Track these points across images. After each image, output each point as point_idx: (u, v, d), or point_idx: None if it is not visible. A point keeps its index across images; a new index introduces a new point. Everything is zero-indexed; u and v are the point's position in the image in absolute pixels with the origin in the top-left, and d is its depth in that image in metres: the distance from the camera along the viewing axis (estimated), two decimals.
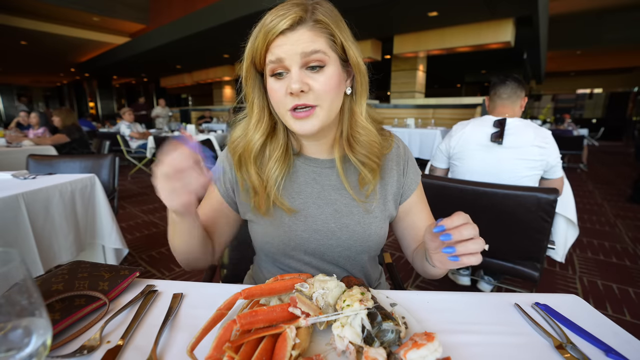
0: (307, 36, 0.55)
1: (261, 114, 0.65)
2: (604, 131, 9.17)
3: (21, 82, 16.84)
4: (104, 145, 3.52)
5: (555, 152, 1.43)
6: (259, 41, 0.57)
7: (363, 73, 0.63)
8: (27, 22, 8.21)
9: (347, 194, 0.69)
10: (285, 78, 0.58)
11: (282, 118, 0.62)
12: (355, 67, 0.62)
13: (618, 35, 9.18)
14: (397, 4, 5.29)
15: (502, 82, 1.54)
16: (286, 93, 0.57)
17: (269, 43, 0.56)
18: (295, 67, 0.56)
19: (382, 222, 0.70)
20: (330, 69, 0.58)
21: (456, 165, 1.63)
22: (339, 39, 0.58)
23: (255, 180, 0.67)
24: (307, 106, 0.58)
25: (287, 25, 0.54)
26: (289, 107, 0.58)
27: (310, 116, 0.59)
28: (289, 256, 0.71)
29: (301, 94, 0.57)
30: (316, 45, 0.56)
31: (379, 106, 7.52)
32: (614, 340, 0.48)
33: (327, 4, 0.60)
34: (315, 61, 0.56)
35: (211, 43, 7.90)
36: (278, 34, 0.55)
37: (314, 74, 0.57)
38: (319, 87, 0.57)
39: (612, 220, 3.27)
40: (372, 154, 0.67)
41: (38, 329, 0.32)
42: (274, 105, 0.62)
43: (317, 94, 0.58)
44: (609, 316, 1.53)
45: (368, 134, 0.66)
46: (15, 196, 1.33)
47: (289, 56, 0.56)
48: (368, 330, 0.43)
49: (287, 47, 0.55)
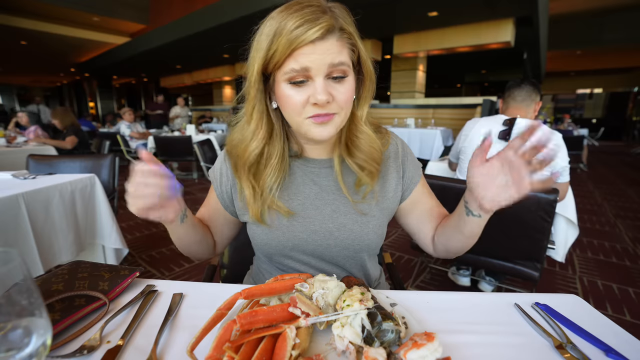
0: (335, 47, 0.54)
1: (260, 121, 0.63)
2: (604, 131, 9.17)
3: (21, 82, 16.86)
4: (104, 145, 3.52)
5: (563, 156, 1.42)
6: (279, 46, 0.53)
7: (373, 80, 0.63)
8: (27, 22, 8.21)
9: (345, 194, 0.69)
10: (305, 86, 0.56)
11: (296, 124, 0.60)
12: (367, 74, 0.62)
13: (618, 35, 9.17)
14: (397, 4, 5.29)
15: (518, 85, 1.55)
16: (307, 102, 0.56)
17: (294, 50, 0.53)
18: (320, 77, 0.55)
19: (380, 221, 0.70)
20: (350, 79, 0.58)
21: (463, 160, 1.64)
22: (357, 48, 0.59)
23: (247, 191, 0.67)
24: (327, 115, 0.58)
25: (319, 34, 0.52)
26: (309, 115, 0.58)
27: (329, 122, 0.58)
28: (287, 257, 0.71)
29: (326, 105, 0.56)
30: (342, 57, 0.55)
31: (379, 106, 7.52)
32: (614, 340, 0.48)
33: (342, 7, 0.58)
34: (340, 72, 0.56)
35: (211, 43, 7.90)
36: (307, 43, 0.53)
37: (336, 84, 0.57)
38: (340, 97, 0.57)
39: (612, 220, 3.27)
40: (372, 159, 0.66)
41: (38, 329, 0.32)
42: (288, 111, 0.59)
43: (339, 104, 0.58)
44: (609, 316, 1.53)
45: (367, 139, 0.66)
46: (15, 196, 1.33)
47: (316, 66, 0.54)
48: (368, 330, 0.43)
49: (315, 56, 0.53)
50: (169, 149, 4.75)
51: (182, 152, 4.69)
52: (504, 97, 1.62)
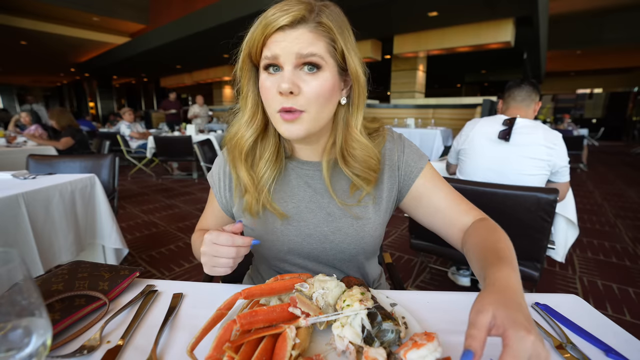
0: (307, 37, 0.53)
1: (255, 110, 0.63)
2: (604, 131, 9.17)
3: (21, 82, 16.86)
4: (104, 145, 3.52)
5: (563, 155, 1.42)
6: (257, 33, 0.55)
7: (362, 85, 0.60)
8: (27, 22, 8.21)
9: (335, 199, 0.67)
10: (277, 75, 0.56)
11: (271, 118, 0.60)
12: (353, 77, 0.59)
13: (618, 35, 9.17)
14: (397, 4, 5.29)
15: (518, 85, 1.56)
16: (276, 92, 0.55)
17: (266, 37, 0.54)
18: (288, 66, 0.54)
19: (377, 224, 0.68)
20: (325, 75, 0.56)
21: (463, 160, 1.64)
22: (339, 45, 0.56)
23: (245, 178, 0.66)
24: (294, 110, 0.56)
25: (287, 21, 0.52)
26: (278, 109, 0.56)
27: (296, 120, 0.56)
28: (283, 260, 0.70)
29: (290, 96, 0.55)
30: (314, 49, 0.54)
31: (379, 106, 7.52)
32: (614, 340, 0.47)
33: (335, 8, 0.58)
34: (310, 63, 0.54)
35: (211, 43, 7.89)
36: (277, 29, 0.53)
37: (307, 76, 0.55)
38: (309, 90, 0.55)
39: (612, 220, 3.27)
40: (369, 168, 0.64)
41: (38, 329, 0.32)
42: (265, 103, 0.60)
43: (306, 98, 0.55)
44: (609, 316, 1.53)
45: (363, 149, 0.63)
46: (15, 196, 1.33)
47: (284, 54, 0.54)
48: (368, 330, 0.43)
49: (284, 44, 0.53)
50: (169, 149, 4.74)
51: (182, 152, 4.69)
52: (503, 97, 1.62)
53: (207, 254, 0.55)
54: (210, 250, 0.54)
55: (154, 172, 5.62)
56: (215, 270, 0.56)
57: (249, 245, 0.56)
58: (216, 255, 0.54)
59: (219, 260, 0.54)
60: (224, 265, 0.55)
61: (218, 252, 0.54)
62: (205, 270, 0.57)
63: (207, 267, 0.57)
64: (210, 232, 0.54)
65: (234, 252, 0.54)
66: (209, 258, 0.55)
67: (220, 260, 0.54)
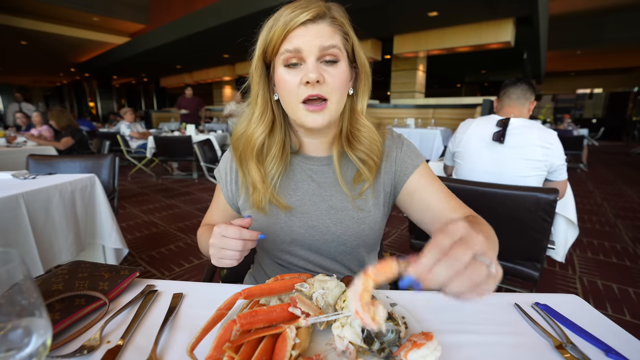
0: (326, 31, 0.59)
1: (265, 107, 0.67)
2: (604, 131, 9.17)
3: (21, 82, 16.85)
4: (104, 145, 3.52)
5: (560, 154, 1.41)
6: (276, 30, 0.58)
7: (368, 73, 0.66)
8: (27, 22, 8.21)
9: (342, 190, 0.70)
10: (298, 69, 0.60)
11: (292, 111, 0.63)
12: (361, 66, 0.65)
13: (618, 35, 9.18)
14: (397, 4, 5.29)
15: (514, 83, 1.55)
16: (300, 83, 0.59)
17: (288, 32, 0.58)
18: (311, 58, 0.58)
19: (376, 217, 0.71)
20: (342, 65, 0.61)
21: (459, 163, 1.63)
22: (351, 39, 0.63)
23: (255, 175, 0.68)
24: (320, 98, 0.60)
25: (310, 16, 0.57)
26: (302, 98, 0.60)
27: (323, 110, 0.61)
28: (286, 252, 0.72)
29: (317, 85, 0.59)
30: (334, 41, 0.59)
31: (379, 106, 7.52)
32: (614, 340, 0.47)
33: (340, 7, 0.63)
34: (331, 55, 0.59)
35: (211, 43, 7.90)
36: (299, 25, 0.58)
37: (328, 67, 0.60)
38: (332, 80, 0.59)
39: (612, 220, 3.27)
40: (373, 152, 0.68)
41: (38, 329, 0.32)
42: (284, 96, 0.62)
43: (331, 87, 0.60)
44: (609, 316, 1.53)
45: (368, 131, 0.68)
46: (15, 196, 1.33)
47: (307, 47, 0.58)
48: (368, 330, 0.43)
49: (307, 38, 0.58)
50: (169, 149, 4.74)
51: (182, 152, 4.69)
52: (499, 95, 1.61)
53: (215, 246, 0.56)
54: (219, 242, 0.56)
55: (154, 172, 5.62)
56: (222, 262, 0.58)
57: (256, 239, 0.57)
58: (224, 247, 0.56)
59: (226, 252, 0.56)
60: (230, 258, 0.56)
61: (226, 245, 0.55)
62: (213, 261, 0.59)
63: (214, 259, 0.58)
64: (219, 225, 0.56)
65: (241, 245, 0.55)
66: (216, 250, 0.57)
67: (228, 252, 0.56)
